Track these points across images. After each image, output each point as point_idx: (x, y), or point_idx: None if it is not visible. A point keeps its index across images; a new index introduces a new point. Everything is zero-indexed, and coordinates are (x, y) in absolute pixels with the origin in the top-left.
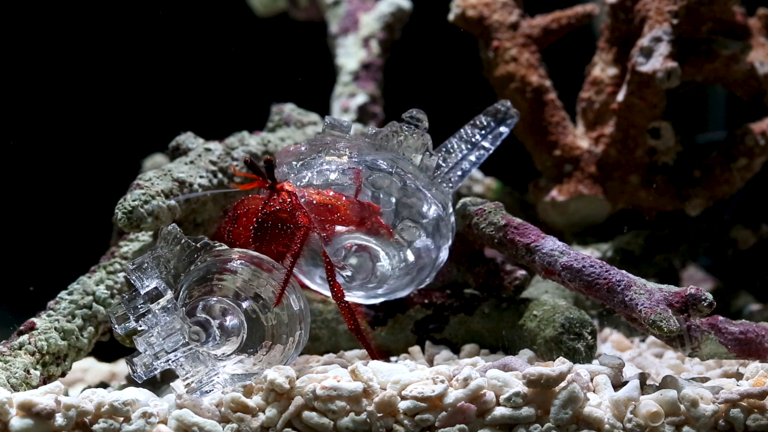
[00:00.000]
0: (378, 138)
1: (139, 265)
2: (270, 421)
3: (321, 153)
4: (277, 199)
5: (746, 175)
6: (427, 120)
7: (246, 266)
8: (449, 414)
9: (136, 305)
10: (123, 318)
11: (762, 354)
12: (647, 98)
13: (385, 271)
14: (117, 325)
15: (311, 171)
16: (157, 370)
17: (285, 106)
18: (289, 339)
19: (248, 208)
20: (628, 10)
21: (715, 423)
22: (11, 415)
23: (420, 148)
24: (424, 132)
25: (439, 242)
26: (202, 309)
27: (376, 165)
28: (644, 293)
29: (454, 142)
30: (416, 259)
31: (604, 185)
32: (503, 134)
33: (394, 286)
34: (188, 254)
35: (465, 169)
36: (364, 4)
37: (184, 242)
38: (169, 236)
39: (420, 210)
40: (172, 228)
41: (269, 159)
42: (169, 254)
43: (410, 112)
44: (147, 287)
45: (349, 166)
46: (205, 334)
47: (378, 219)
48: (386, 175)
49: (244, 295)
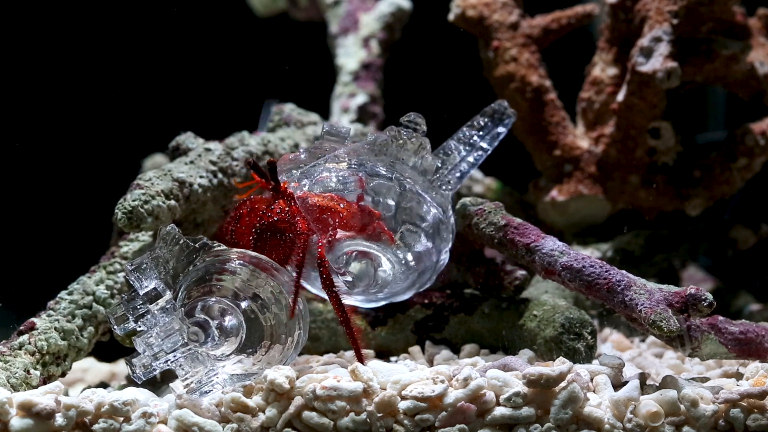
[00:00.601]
0: (377, 144)
1: (138, 265)
2: (270, 421)
3: (320, 160)
4: (275, 209)
5: (746, 175)
6: (425, 123)
7: (244, 266)
8: (449, 414)
9: (136, 306)
10: (122, 318)
11: (762, 354)
12: (647, 98)
13: (386, 276)
14: (116, 326)
15: (311, 179)
16: (156, 371)
17: (285, 106)
18: (288, 339)
19: (251, 208)
20: (628, 10)
21: (715, 423)
22: (11, 415)
23: (419, 151)
24: (422, 135)
25: (440, 245)
26: (201, 309)
27: (376, 171)
28: (644, 293)
29: (452, 143)
30: (417, 263)
31: (604, 185)
32: (501, 134)
33: (395, 290)
34: (187, 255)
35: (464, 170)
36: (364, 4)
37: (182, 243)
38: (168, 236)
39: (420, 214)
40: (170, 228)
41: (272, 160)
42: (168, 254)
43: (408, 116)
44: (146, 288)
45: (349, 173)
46: (204, 335)
47: (380, 224)
48: (386, 181)
49: (242, 295)
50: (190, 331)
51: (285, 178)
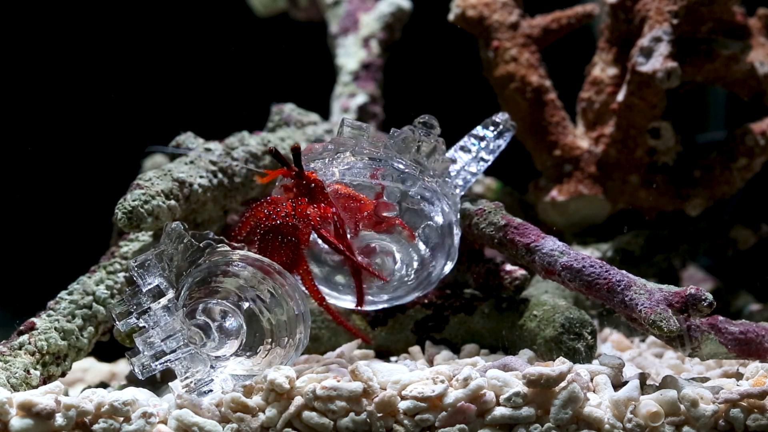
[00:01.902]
0: (398, 139)
1: (143, 262)
2: (270, 421)
3: (342, 152)
4: (280, 211)
5: (746, 175)
6: (438, 126)
7: (247, 268)
8: (449, 414)
9: (139, 301)
10: (125, 314)
11: (762, 354)
12: (647, 98)
13: (402, 275)
14: (118, 321)
15: (335, 168)
16: (155, 371)
17: (285, 106)
18: (289, 341)
19: (271, 210)
20: (628, 10)
21: (715, 423)
22: (11, 415)
23: (432, 153)
24: (436, 137)
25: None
26: (202, 311)
27: (398, 167)
28: (644, 293)
29: (454, 152)
30: (429, 262)
31: (604, 185)
32: (501, 146)
33: (402, 291)
34: (191, 254)
35: (466, 180)
36: (364, 4)
37: (187, 241)
38: (173, 233)
39: (437, 213)
40: (176, 225)
41: (296, 146)
42: (172, 252)
43: (423, 117)
44: (149, 284)
45: (374, 167)
46: (205, 336)
47: (401, 221)
48: (408, 176)
49: (244, 296)
50: (190, 333)
51: (312, 168)
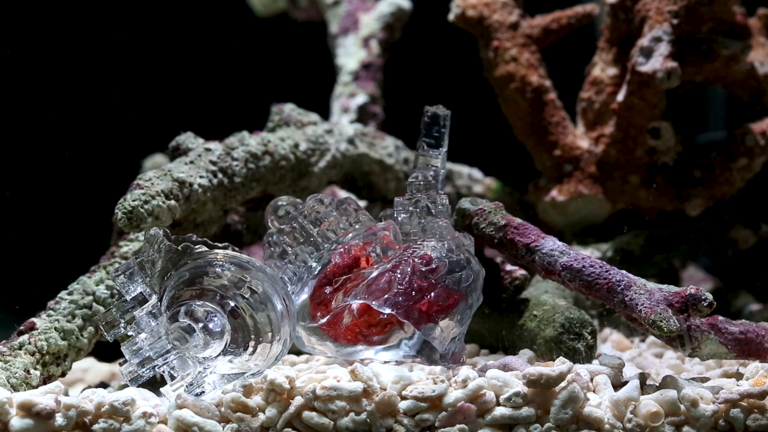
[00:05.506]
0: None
1: (124, 271)
2: (270, 421)
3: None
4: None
5: (746, 175)
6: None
7: (229, 267)
8: (449, 414)
9: (127, 309)
10: (111, 325)
11: (762, 354)
12: (647, 98)
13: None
14: (106, 333)
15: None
16: (144, 378)
17: (285, 106)
18: (275, 337)
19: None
20: (628, 10)
21: (715, 423)
22: (11, 415)
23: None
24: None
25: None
26: (186, 313)
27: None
28: (644, 293)
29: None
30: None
31: (604, 185)
32: (445, 131)
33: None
34: (172, 257)
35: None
36: (364, 4)
37: (166, 245)
38: (153, 239)
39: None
40: (154, 231)
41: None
42: (154, 257)
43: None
44: (133, 293)
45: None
46: (190, 338)
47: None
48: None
49: (226, 296)
50: (174, 335)
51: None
